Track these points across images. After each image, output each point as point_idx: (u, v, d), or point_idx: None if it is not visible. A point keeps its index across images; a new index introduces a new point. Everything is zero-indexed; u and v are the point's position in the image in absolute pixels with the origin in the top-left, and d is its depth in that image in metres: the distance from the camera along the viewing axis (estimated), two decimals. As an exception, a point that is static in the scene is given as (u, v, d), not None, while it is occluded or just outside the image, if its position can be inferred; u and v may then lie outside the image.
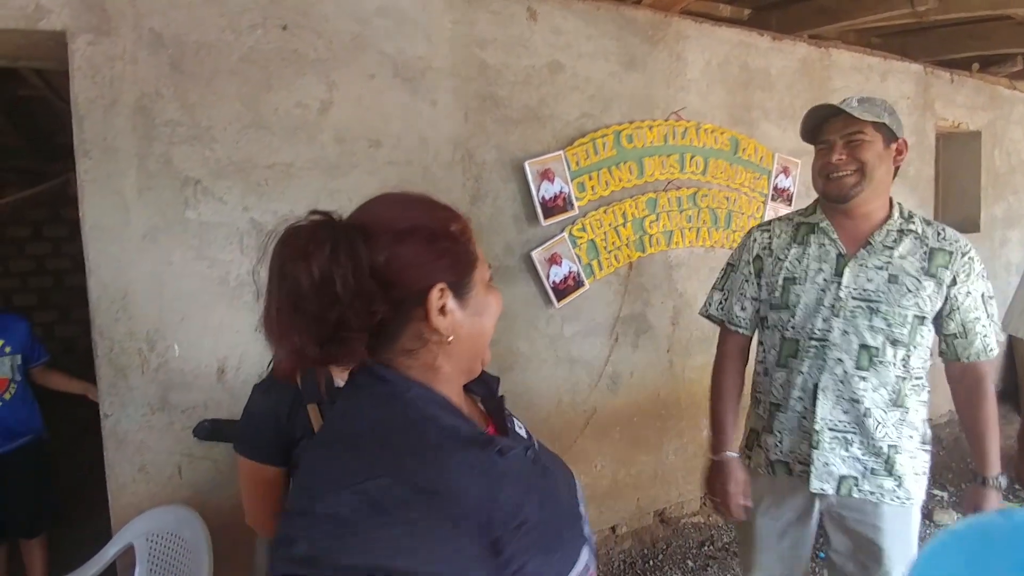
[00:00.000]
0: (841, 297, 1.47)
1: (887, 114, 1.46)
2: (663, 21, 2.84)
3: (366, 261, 0.66)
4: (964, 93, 4.25)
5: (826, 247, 1.52)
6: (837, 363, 1.48)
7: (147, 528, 1.79)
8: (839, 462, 1.49)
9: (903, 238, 1.47)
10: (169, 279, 1.95)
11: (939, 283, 1.44)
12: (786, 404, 1.55)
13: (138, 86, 1.89)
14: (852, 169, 1.45)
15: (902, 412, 1.48)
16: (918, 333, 1.46)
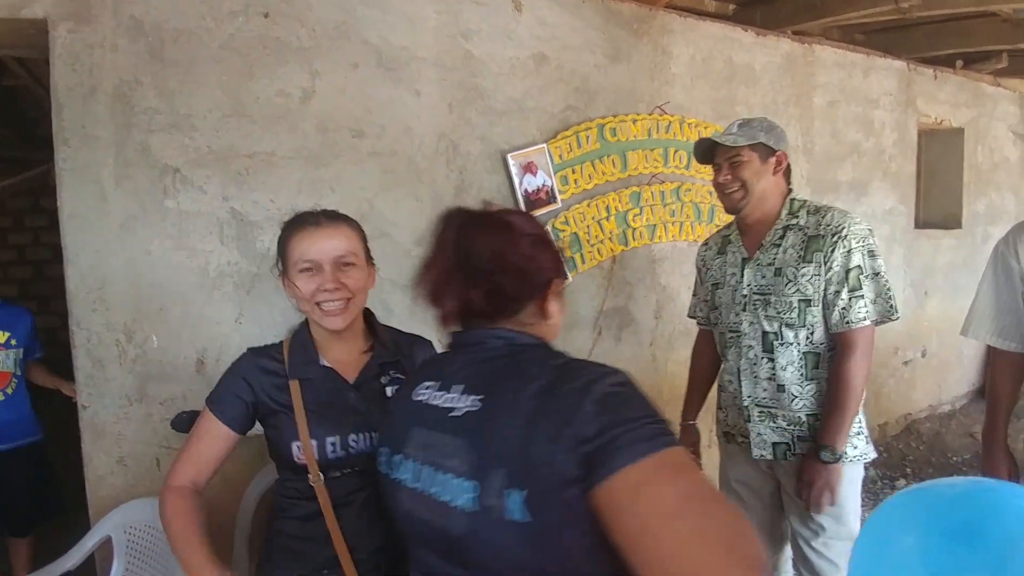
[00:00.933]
0: (744, 294, 1.76)
1: (763, 132, 1.69)
2: (648, 14, 2.84)
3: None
4: (947, 90, 4.30)
5: (735, 254, 1.81)
6: (748, 349, 1.76)
7: (125, 520, 1.78)
8: (769, 431, 1.75)
9: (787, 233, 1.71)
10: (147, 269, 1.93)
11: (817, 266, 1.64)
12: (726, 387, 1.86)
13: (117, 73, 1.87)
14: (736, 187, 1.71)
15: (816, 384, 1.69)
16: (807, 314, 1.66)
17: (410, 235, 2.36)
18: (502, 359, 0.87)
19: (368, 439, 1.21)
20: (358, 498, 1.21)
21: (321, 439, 1.18)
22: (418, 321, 2.35)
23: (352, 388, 1.23)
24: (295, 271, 1.20)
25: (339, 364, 1.25)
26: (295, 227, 1.23)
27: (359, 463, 1.20)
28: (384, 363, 1.28)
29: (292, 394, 1.19)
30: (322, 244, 1.20)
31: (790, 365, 1.70)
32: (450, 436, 0.84)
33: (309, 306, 1.20)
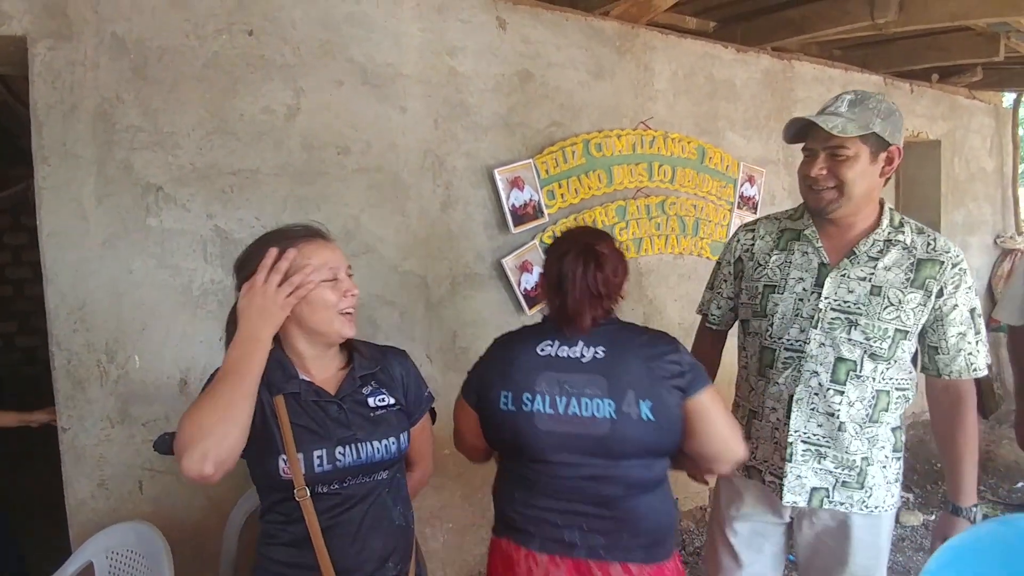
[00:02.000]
0: (820, 308, 1.42)
1: (879, 119, 1.34)
2: (631, 32, 2.88)
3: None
4: (923, 103, 4.39)
5: (809, 255, 1.47)
6: (813, 375, 1.43)
7: (107, 545, 1.74)
8: (811, 475, 1.46)
9: (889, 248, 1.40)
10: (129, 288, 1.91)
11: (926, 295, 1.38)
12: (762, 413, 1.52)
13: (99, 91, 1.85)
14: (830, 185, 1.37)
15: (880, 427, 1.45)
16: (899, 348, 1.40)
17: (396, 251, 2.36)
18: (612, 327, 1.35)
19: (354, 452, 1.19)
20: (347, 518, 1.18)
21: (308, 453, 1.15)
22: (405, 337, 2.37)
23: (335, 401, 1.22)
24: (317, 279, 1.17)
25: (318, 380, 1.23)
26: (303, 238, 1.20)
27: (346, 477, 1.19)
28: (364, 375, 1.27)
29: (277, 409, 1.16)
30: (336, 253, 1.22)
31: (859, 402, 1.42)
32: (583, 374, 1.29)
33: (333, 314, 1.18)
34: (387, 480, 1.25)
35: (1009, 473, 3.79)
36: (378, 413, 1.24)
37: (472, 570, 2.66)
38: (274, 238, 1.21)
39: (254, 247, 1.22)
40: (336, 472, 1.17)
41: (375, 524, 1.21)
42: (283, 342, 1.22)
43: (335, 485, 1.18)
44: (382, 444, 1.22)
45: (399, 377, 1.32)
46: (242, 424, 1.07)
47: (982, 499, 3.48)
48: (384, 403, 1.26)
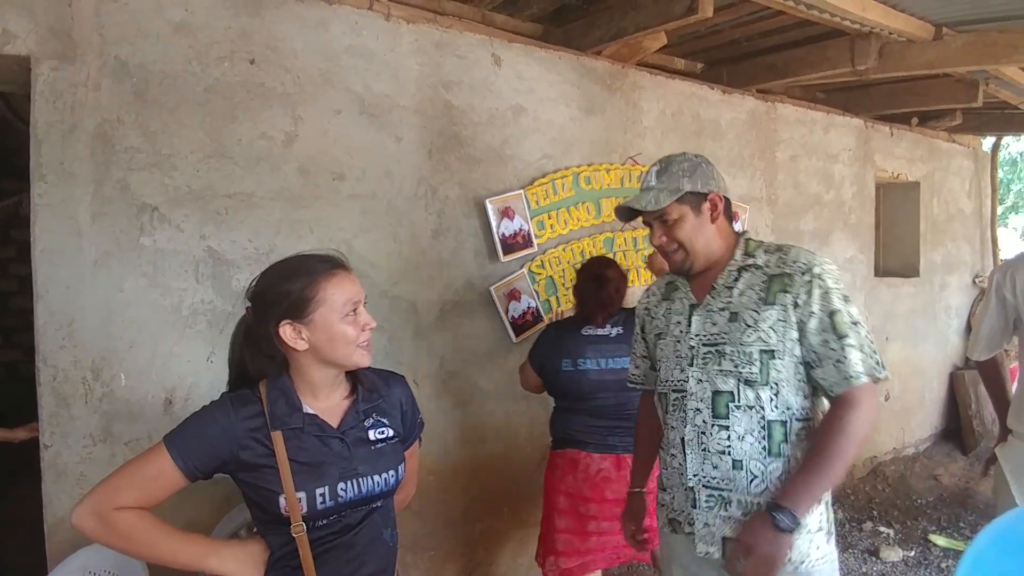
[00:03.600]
0: (692, 345, 1.44)
1: (686, 178, 1.42)
2: (621, 72, 2.98)
3: None
4: (903, 146, 4.54)
5: (682, 300, 1.51)
6: (696, 413, 1.42)
7: (84, 565, 1.72)
8: (720, 523, 1.39)
9: (742, 274, 1.43)
10: (119, 306, 1.92)
11: (782, 309, 1.35)
12: (669, 462, 1.50)
13: (99, 112, 1.89)
14: (674, 248, 1.45)
15: (784, 462, 1.35)
16: (771, 368, 1.35)
17: (388, 276, 2.39)
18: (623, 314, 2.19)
19: (356, 487, 1.19)
20: (343, 542, 1.19)
21: (311, 491, 1.14)
22: (393, 362, 2.39)
23: (337, 435, 1.21)
24: (339, 316, 1.16)
25: (323, 411, 1.22)
26: (325, 272, 1.18)
27: (346, 510, 1.19)
28: (367, 408, 1.27)
29: (275, 446, 1.15)
30: (357, 286, 1.22)
31: (748, 435, 1.36)
32: (611, 344, 2.17)
33: (352, 348, 1.18)
34: (380, 507, 1.26)
35: (988, 511, 3.82)
36: (378, 446, 1.24)
37: (452, 599, 2.63)
38: (296, 271, 1.18)
39: (273, 280, 1.19)
40: (337, 507, 1.18)
41: (369, 546, 1.22)
42: (293, 369, 1.21)
43: (333, 516, 1.19)
44: (382, 477, 1.23)
45: (399, 404, 1.33)
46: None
47: (962, 536, 3.50)
48: (384, 435, 1.26)
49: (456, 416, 2.59)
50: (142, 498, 1.12)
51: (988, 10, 2.70)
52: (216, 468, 1.16)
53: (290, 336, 1.16)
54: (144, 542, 1.11)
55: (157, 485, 1.13)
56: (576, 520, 2.18)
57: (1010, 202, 13.20)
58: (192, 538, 1.16)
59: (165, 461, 1.12)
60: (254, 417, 1.17)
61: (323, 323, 1.16)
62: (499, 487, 2.73)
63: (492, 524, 2.72)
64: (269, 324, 1.17)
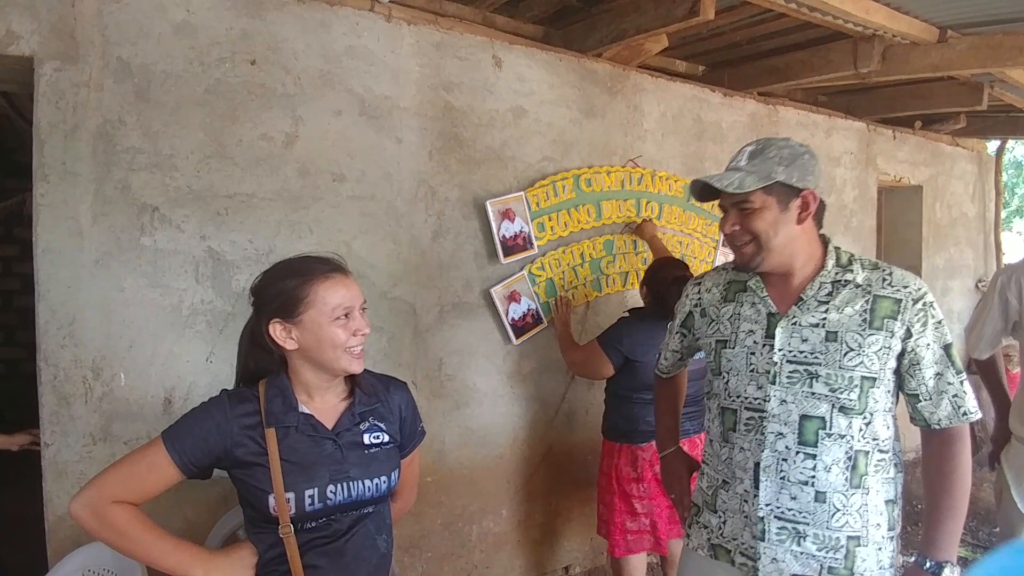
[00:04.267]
0: (775, 361, 1.30)
1: (781, 167, 1.26)
2: (622, 74, 2.98)
3: None
4: (906, 149, 4.52)
5: (757, 306, 1.36)
6: (778, 438, 1.29)
7: (84, 564, 1.73)
8: (790, 558, 1.28)
9: (839, 289, 1.29)
10: (119, 306, 1.93)
11: (888, 335, 1.25)
12: (730, 483, 1.37)
13: (101, 113, 1.90)
14: (746, 240, 1.30)
15: (863, 494, 1.27)
16: (870, 397, 1.25)
17: (387, 277, 2.39)
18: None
19: (345, 491, 1.18)
20: (334, 548, 1.19)
21: (300, 492, 1.15)
22: (392, 363, 2.39)
23: (330, 437, 1.21)
24: (329, 319, 1.17)
25: (318, 411, 1.22)
26: (319, 274, 1.19)
27: (335, 513, 1.19)
28: (363, 411, 1.27)
29: (268, 444, 1.15)
30: (353, 291, 1.21)
31: (835, 465, 1.25)
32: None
33: (340, 352, 1.18)
34: (373, 512, 1.25)
35: (989, 516, 3.80)
36: (372, 451, 1.24)
37: (450, 600, 2.63)
38: (291, 270, 1.20)
39: (270, 278, 1.21)
40: (326, 510, 1.17)
41: (361, 553, 1.21)
42: (290, 368, 1.22)
43: (323, 519, 1.18)
44: (373, 483, 1.22)
45: (397, 411, 1.32)
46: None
47: (962, 543, 3.49)
48: (379, 440, 1.26)
49: (454, 418, 2.60)
50: (137, 491, 1.14)
51: (993, 12, 2.69)
52: (211, 464, 1.17)
53: (280, 335, 1.18)
54: (136, 540, 1.12)
55: (152, 478, 1.14)
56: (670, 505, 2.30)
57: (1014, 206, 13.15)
58: (183, 546, 1.15)
59: (161, 455, 1.14)
60: (250, 415, 1.18)
61: (312, 325, 1.17)
62: (497, 489, 2.73)
63: (490, 526, 2.72)
64: (262, 321, 1.19)
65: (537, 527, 2.85)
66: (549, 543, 2.90)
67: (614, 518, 2.38)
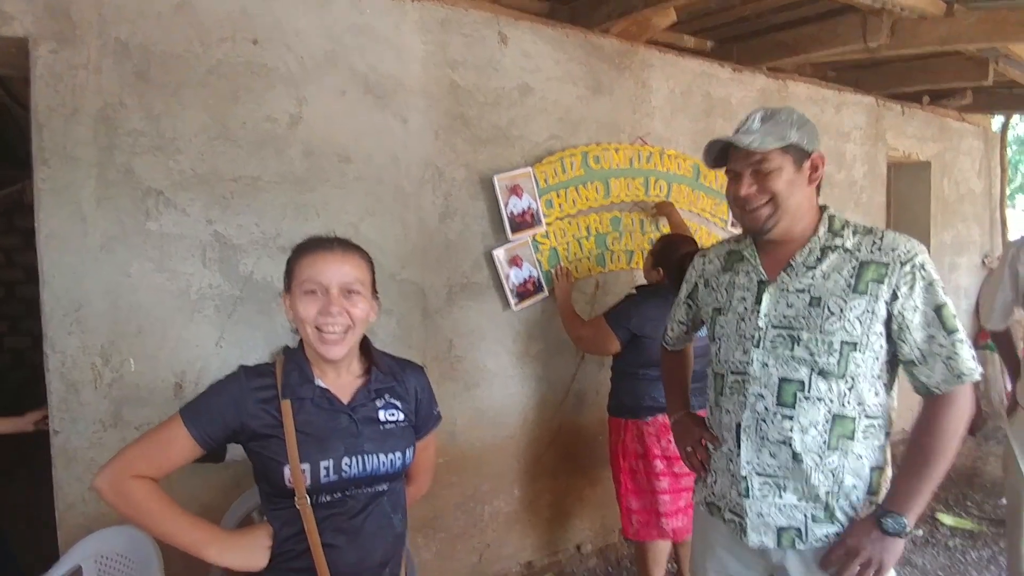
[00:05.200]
0: (760, 326, 1.33)
1: (795, 129, 1.29)
2: (629, 50, 2.92)
3: None
4: (914, 125, 4.47)
5: (750, 274, 1.39)
6: (758, 399, 1.33)
7: (96, 550, 1.72)
8: (775, 512, 1.33)
9: (827, 255, 1.31)
10: (126, 291, 1.91)
11: (873, 299, 1.25)
12: (720, 444, 1.43)
13: (101, 95, 1.86)
14: (763, 201, 1.31)
15: (840, 456, 1.29)
16: (851, 362, 1.26)
17: (396, 260, 2.37)
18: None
19: (360, 464, 1.19)
20: (350, 525, 1.19)
21: (315, 463, 1.15)
22: (402, 345, 2.38)
23: (346, 411, 1.22)
24: (299, 292, 1.18)
25: (334, 386, 1.23)
26: (308, 249, 1.22)
27: (351, 487, 1.19)
28: (379, 388, 1.27)
29: (284, 415, 1.17)
30: (333, 269, 1.19)
31: (813, 427, 1.29)
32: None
33: (310, 330, 1.18)
34: (388, 490, 1.25)
35: (995, 489, 3.82)
36: (387, 427, 1.24)
37: (463, 581, 2.65)
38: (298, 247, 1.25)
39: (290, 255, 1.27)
40: (341, 482, 1.18)
41: (377, 532, 1.22)
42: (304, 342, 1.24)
43: (338, 494, 1.18)
44: (388, 458, 1.22)
45: (414, 392, 1.33)
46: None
47: (969, 514, 3.50)
48: (394, 418, 1.26)
49: (465, 399, 2.59)
50: (156, 465, 1.17)
51: (997, -12, 2.66)
52: (227, 437, 1.19)
53: (285, 308, 1.23)
54: (152, 515, 1.14)
55: (171, 452, 1.17)
56: (673, 480, 2.33)
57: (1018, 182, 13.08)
58: (199, 524, 1.17)
59: (179, 429, 1.16)
60: (265, 388, 1.19)
61: (293, 298, 1.21)
62: (508, 469, 2.73)
63: (501, 506, 2.72)
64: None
65: (548, 506, 2.86)
66: (560, 522, 2.91)
67: (621, 497, 2.41)
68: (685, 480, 2.34)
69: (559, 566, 2.90)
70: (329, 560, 1.15)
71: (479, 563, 2.68)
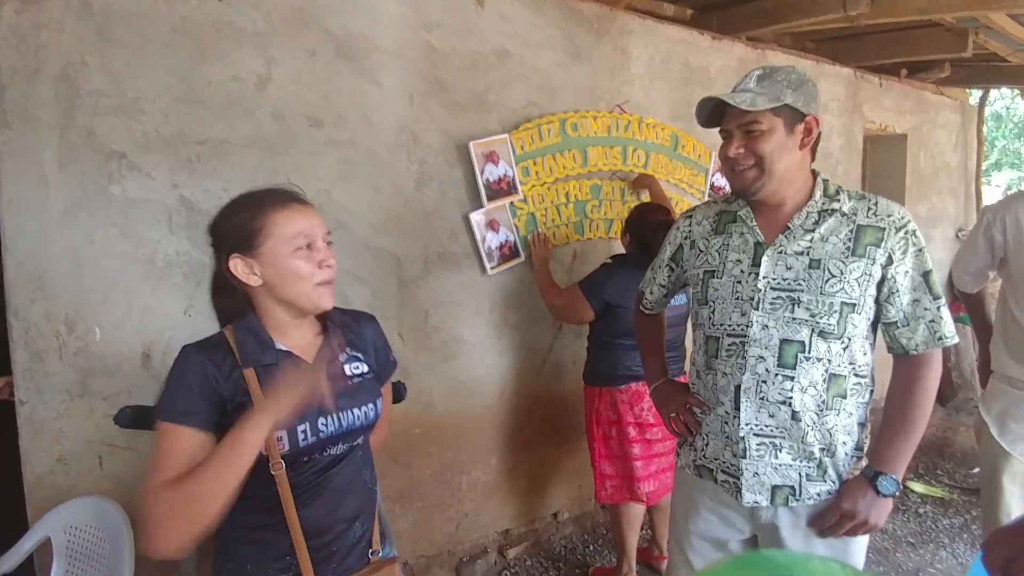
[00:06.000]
0: (759, 288, 1.33)
1: (790, 90, 1.28)
2: (608, 15, 2.88)
3: None
4: (892, 97, 4.49)
5: (745, 236, 1.39)
6: (759, 361, 1.34)
7: (65, 521, 1.70)
8: (770, 471, 1.35)
9: (825, 218, 1.32)
10: (91, 258, 1.85)
11: (870, 262, 1.28)
12: (712, 407, 1.43)
13: (63, 55, 1.79)
14: (750, 163, 1.31)
15: (835, 415, 1.33)
16: (849, 322, 1.29)
17: (369, 227, 2.33)
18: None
19: (336, 421, 1.17)
20: (321, 481, 1.17)
21: (291, 428, 1.12)
22: (377, 315, 2.31)
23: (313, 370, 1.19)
24: (289, 249, 1.12)
25: (296, 348, 1.20)
26: (275, 203, 1.14)
27: (326, 446, 1.17)
28: (339, 342, 1.25)
29: (249, 385, 1.12)
30: (313, 220, 1.16)
31: (812, 387, 1.31)
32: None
33: (309, 287, 1.13)
34: (361, 444, 1.25)
35: (965, 459, 3.93)
36: (355, 380, 1.23)
37: (442, 548, 2.66)
38: (246, 203, 1.16)
39: (225, 214, 1.18)
40: (319, 443, 1.15)
41: (348, 487, 1.21)
42: (258, 309, 1.18)
43: (316, 455, 1.16)
44: (361, 411, 1.21)
45: (371, 342, 1.32)
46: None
47: (940, 483, 3.60)
48: (359, 371, 1.25)
49: (441, 370, 2.58)
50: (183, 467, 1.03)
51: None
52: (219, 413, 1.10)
53: (241, 271, 1.13)
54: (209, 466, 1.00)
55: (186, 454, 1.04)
56: (645, 446, 2.38)
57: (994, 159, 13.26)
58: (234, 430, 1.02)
59: (173, 433, 1.05)
60: (224, 359, 1.13)
61: (272, 257, 1.12)
62: (486, 439, 2.74)
63: (479, 476, 2.74)
64: (221, 258, 1.15)
65: (525, 475, 2.88)
66: (537, 491, 2.94)
67: (595, 463, 2.45)
68: (657, 446, 2.38)
69: (536, 534, 2.93)
70: (300, 516, 1.13)
71: (456, 532, 2.70)
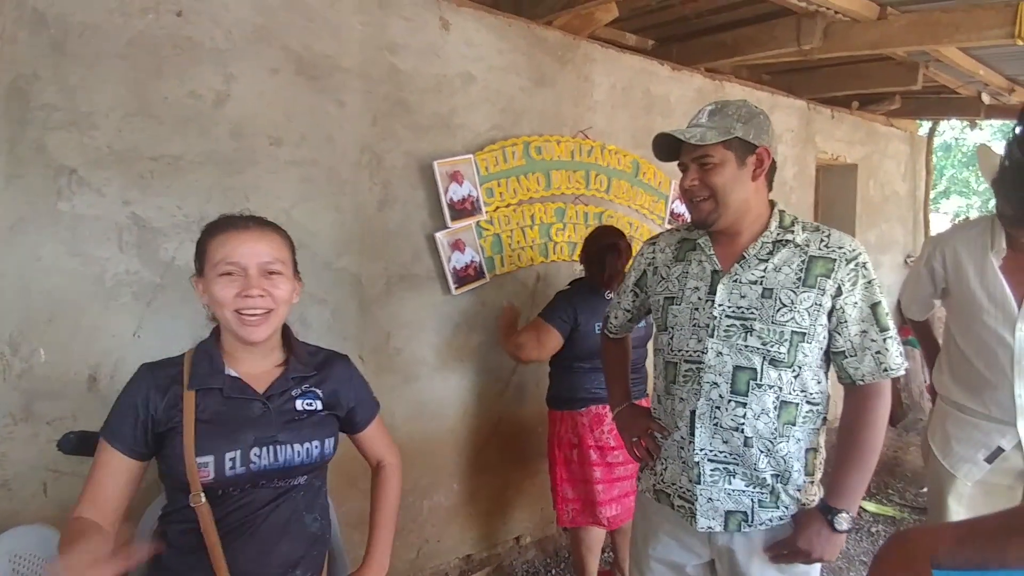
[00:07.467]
0: (715, 315, 1.36)
1: (740, 123, 1.32)
2: (572, 43, 2.94)
3: None
4: (843, 129, 4.68)
5: (703, 264, 1.42)
6: (712, 387, 1.36)
7: (11, 548, 1.60)
8: (724, 496, 1.37)
9: (779, 249, 1.36)
10: (37, 276, 1.78)
11: (820, 293, 1.31)
12: (671, 432, 1.45)
13: (15, 67, 1.74)
14: (705, 195, 1.36)
15: (786, 442, 1.35)
16: (799, 351, 1.32)
17: (331, 247, 2.30)
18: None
19: (271, 455, 1.13)
20: (252, 519, 1.13)
21: (220, 455, 1.09)
22: (337, 337, 2.32)
23: (260, 399, 1.16)
24: (214, 274, 1.12)
25: (248, 376, 1.18)
26: (220, 228, 1.16)
27: (260, 480, 1.13)
28: (298, 377, 1.22)
29: (184, 407, 1.10)
30: (249, 248, 1.13)
31: (764, 414, 1.33)
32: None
33: (229, 313, 1.12)
34: (303, 485, 1.20)
35: (915, 479, 4.03)
36: (304, 417, 1.19)
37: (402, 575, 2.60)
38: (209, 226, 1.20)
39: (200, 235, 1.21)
40: (249, 475, 1.11)
41: (283, 529, 1.16)
42: (220, 333, 1.19)
43: (247, 487, 1.12)
44: (303, 447, 1.17)
45: (335, 384, 1.28)
46: None
47: (890, 503, 3.69)
48: (312, 407, 1.21)
49: (403, 392, 2.54)
50: (104, 498, 1.09)
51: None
52: (146, 439, 1.12)
53: (199, 292, 1.16)
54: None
55: (112, 480, 1.10)
56: (607, 470, 2.37)
57: (942, 187, 13.89)
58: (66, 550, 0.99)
59: (105, 451, 1.10)
60: (169, 379, 1.13)
61: (206, 281, 1.14)
62: (448, 462, 2.70)
63: (441, 500, 2.69)
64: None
65: (488, 499, 2.84)
66: (500, 514, 2.91)
67: (556, 486, 2.44)
68: (619, 470, 2.38)
69: (498, 559, 2.89)
70: (228, 558, 1.08)
71: (417, 559, 2.65)
